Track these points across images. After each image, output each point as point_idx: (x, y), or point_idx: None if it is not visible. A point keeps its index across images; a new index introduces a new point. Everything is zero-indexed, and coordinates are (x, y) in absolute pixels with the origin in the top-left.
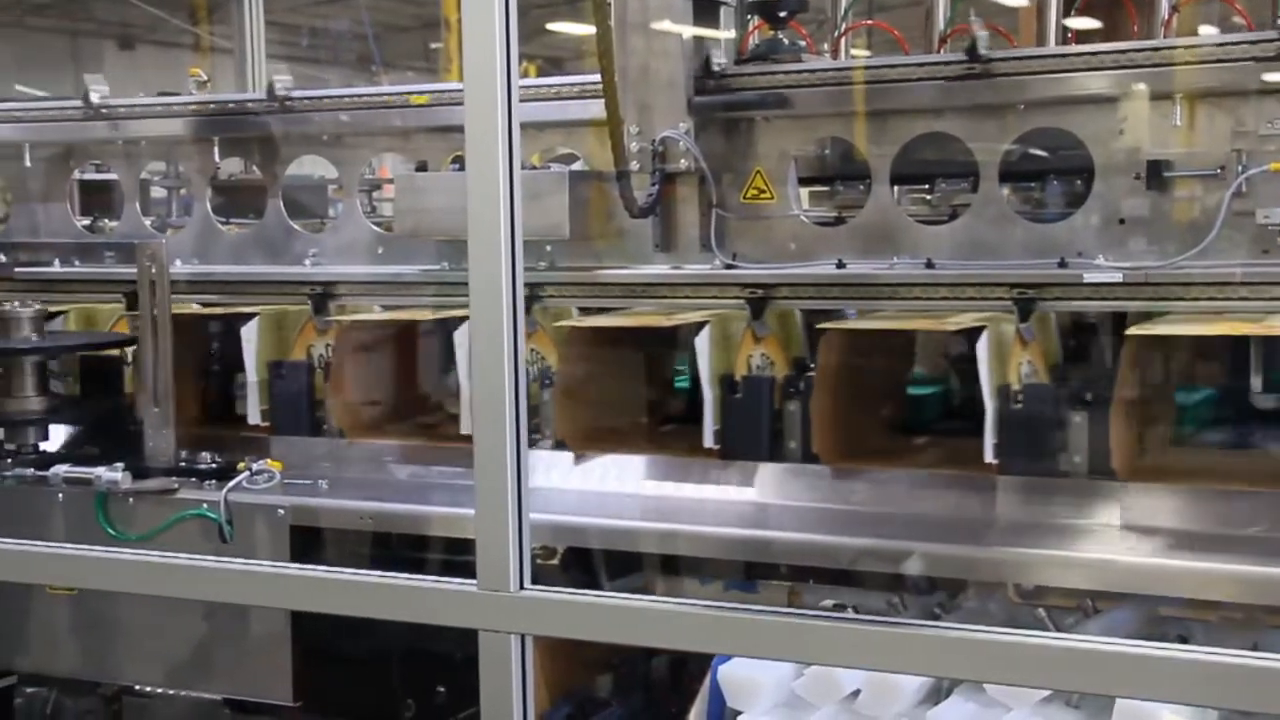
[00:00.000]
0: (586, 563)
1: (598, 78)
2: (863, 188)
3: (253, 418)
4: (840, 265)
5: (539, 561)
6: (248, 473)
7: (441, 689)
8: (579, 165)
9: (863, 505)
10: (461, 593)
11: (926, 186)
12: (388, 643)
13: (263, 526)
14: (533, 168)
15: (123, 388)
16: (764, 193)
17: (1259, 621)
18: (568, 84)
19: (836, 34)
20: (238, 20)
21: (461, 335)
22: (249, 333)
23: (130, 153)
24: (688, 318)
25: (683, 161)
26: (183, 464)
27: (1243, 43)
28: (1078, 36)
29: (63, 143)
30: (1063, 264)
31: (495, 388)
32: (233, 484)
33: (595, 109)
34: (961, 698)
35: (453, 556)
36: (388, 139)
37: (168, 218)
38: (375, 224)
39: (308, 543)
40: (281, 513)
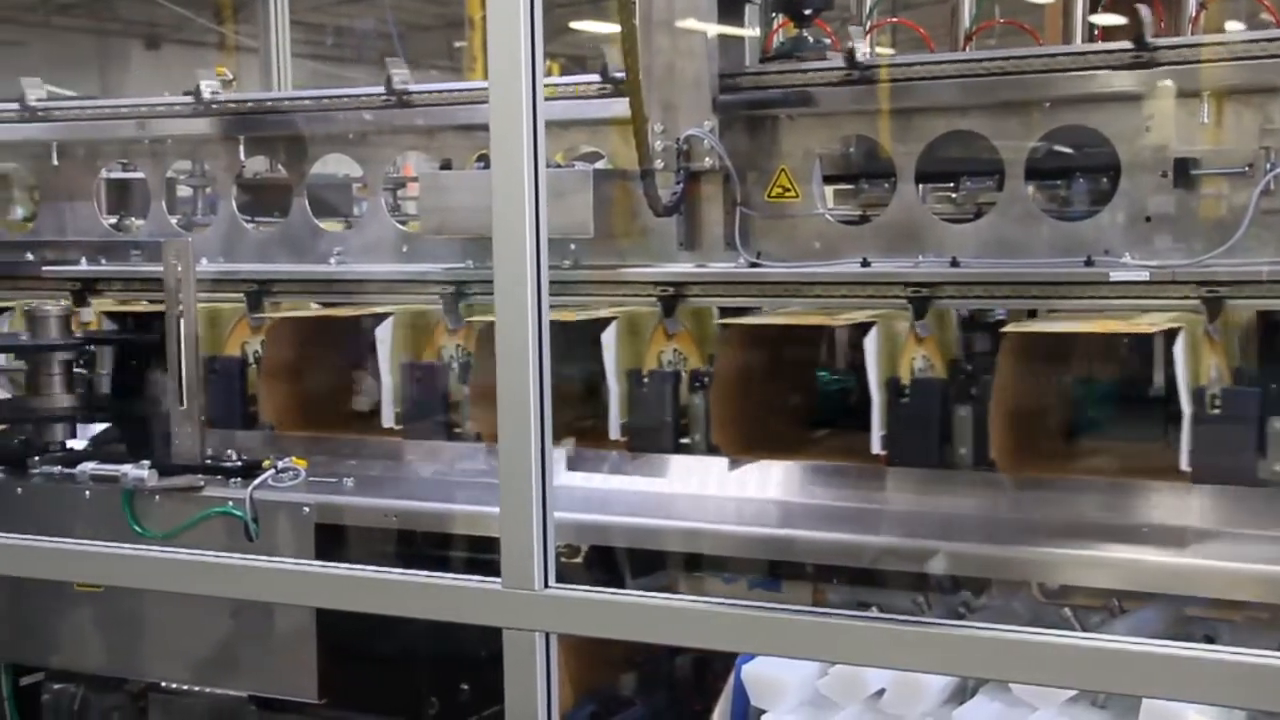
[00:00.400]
0: (610, 561)
1: (622, 75)
2: (887, 186)
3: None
4: (865, 264)
5: (563, 560)
6: (273, 470)
7: (465, 687)
8: (603, 164)
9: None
10: (486, 591)
11: (951, 185)
12: (412, 640)
13: (288, 524)
14: (557, 166)
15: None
16: (789, 191)
17: None
18: (592, 82)
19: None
20: (263, 19)
21: (384, 331)
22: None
23: (156, 151)
24: (852, 317)
25: (707, 160)
26: (208, 461)
27: (1271, 39)
28: (1104, 34)
29: (90, 141)
30: (1089, 262)
31: (520, 386)
32: (258, 481)
33: (619, 107)
34: (987, 697)
35: (477, 555)
36: (412, 137)
37: (193, 216)
38: (399, 222)
39: (332, 540)
40: (306, 510)
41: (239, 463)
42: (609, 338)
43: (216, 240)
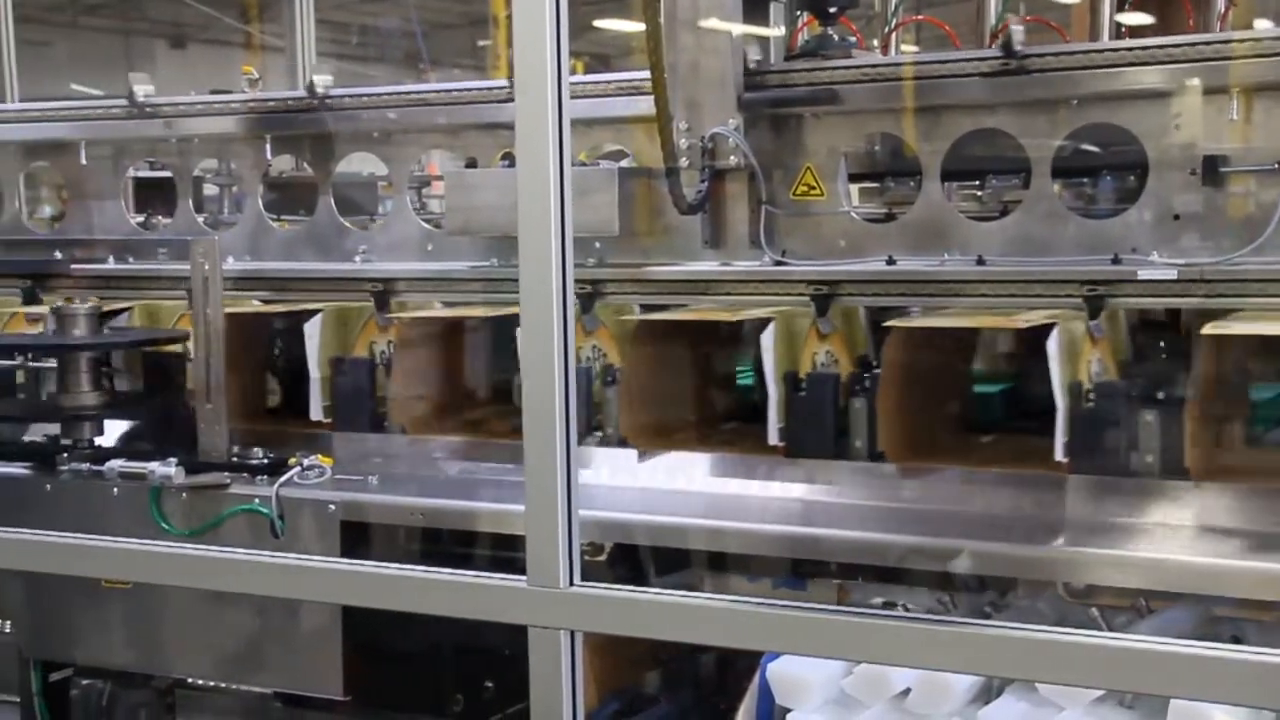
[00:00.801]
0: (634, 560)
1: (647, 74)
2: (913, 184)
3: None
4: (890, 262)
5: (586, 558)
6: (299, 468)
7: (489, 684)
8: (627, 162)
9: (927, 504)
10: (511, 589)
11: (977, 183)
12: (437, 638)
13: (314, 522)
14: (581, 164)
15: (184, 383)
16: (814, 189)
17: None
18: (617, 81)
19: (887, 29)
20: (288, 18)
21: (312, 328)
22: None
23: (184, 150)
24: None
25: (732, 158)
26: (235, 459)
27: None
28: (1131, 32)
29: (117, 141)
30: (1116, 260)
31: (546, 384)
32: (284, 479)
33: (644, 106)
34: (1013, 697)
35: (502, 553)
36: (437, 136)
37: (220, 214)
38: (424, 221)
39: (358, 538)
40: (332, 508)
41: (265, 460)
42: (768, 339)
43: (243, 238)
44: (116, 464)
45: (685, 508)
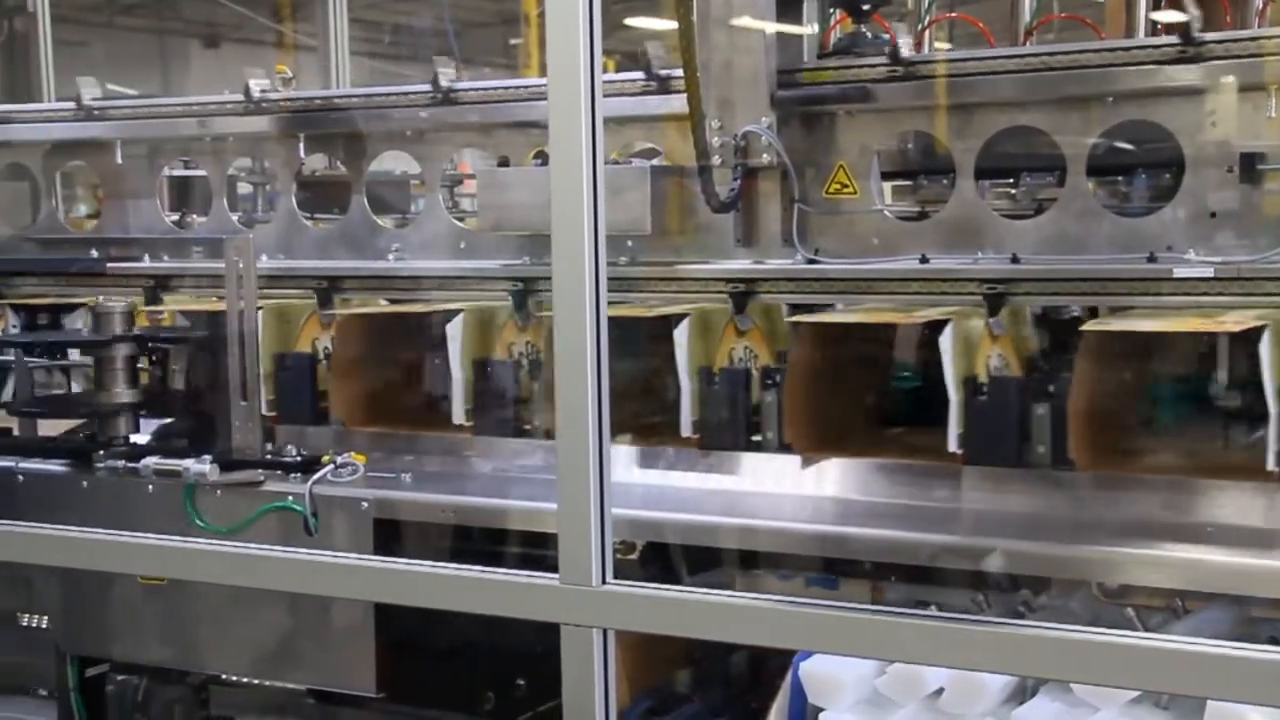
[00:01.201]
0: (665, 558)
1: (679, 72)
2: (946, 182)
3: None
4: (923, 260)
5: (618, 556)
6: (332, 466)
7: (521, 682)
8: (659, 160)
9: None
10: (544, 587)
11: (1011, 181)
12: (469, 635)
13: (346, 519)
14: (613, 163)
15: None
16: (846, 187)
17: None
18: (649, 78)
19: (920, 27)
20: (321, 18)
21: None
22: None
23: (218, 149)
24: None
25: (764, 156)
26: (269, 456)
27: None
28: (1167, 29)
29: (152, 140)
30: (1151, 259)
31: (578, 383)
32: (317, 477)
33: (676, 104)
34: (1047, 697)
35: (534, 550)
36: (469, 134)
37: (254, 213)
38: (456, 219)
39: (390, 535)
40: (365, 506)
41: (299, 458)
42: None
43: (276, 236)
44: (152, 461)
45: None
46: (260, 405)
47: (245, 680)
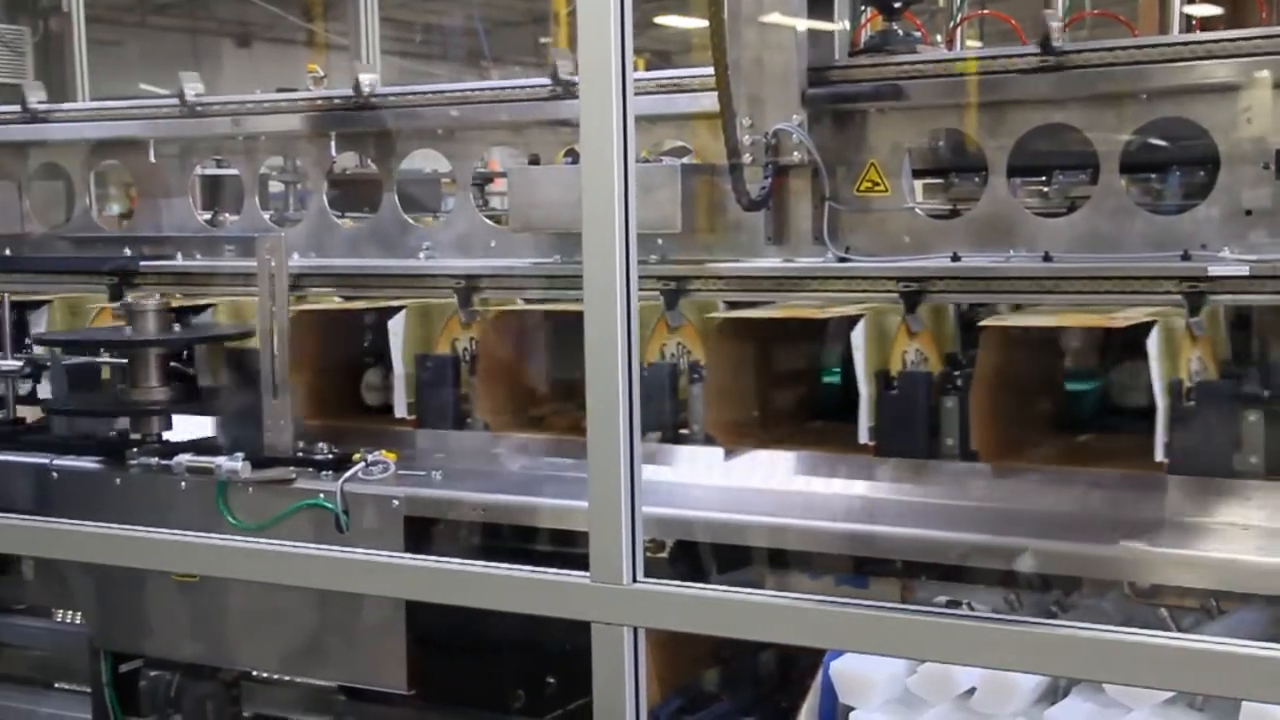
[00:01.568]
0: (694, 556)
1: (710, 70)
2: (977, 180)
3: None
4: (955, 258)
5: (647, 555)
6: (363, 463)
7: (551, 680)
8: (689, 159)
9: (1019, 504)
10: (574, 585)
11: (1043, 178)
12: (499, 633)
13: (377, 517)
14: (643, 161)
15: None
16: (878, 185)
17: None
18: (680, 77)
19: (951, 24)
20: (353, 17)
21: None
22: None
23: (250, 148)
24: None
25: (795, 154)
26: (300, 454)
27: None
28: (1201, 24)
29: (185, 139)
30: (1186, 257)
31: (608, 381)
32: (349, 474)
33: (707, 102)
34: (1080, 697)
35: (565, 549)
36: (500, 133)
37: (285, 211)
38: (487, 217)
39: (420, 533)
40: (396, 503)
41: (330, 455)
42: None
43: (306, 235)
44: (184, 458)
45: (779, 508)
46: (290, 403)
47: (277, 677)
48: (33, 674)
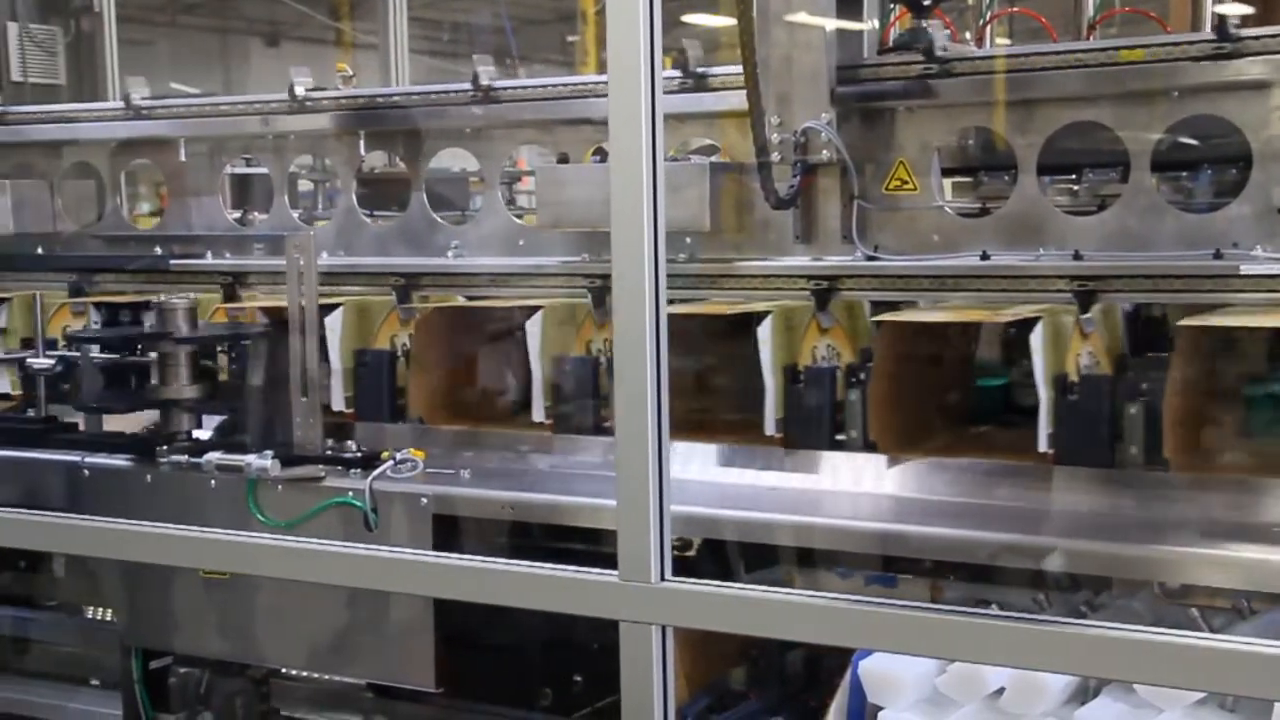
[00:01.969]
0: (722, 555)
1: (739, 69)
2: (1007, 178)
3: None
4: (984, 257)
5: (674, 553)
6: (392, 461)
7: (578, 678)
8: (718, 157)
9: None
10: (603, 583)
11: (1073, 177)
12: (527, 631)
13: (406, 515)
14: (671, 159)
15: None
16: (906, 184)
17: None
18: (709, 75)
19: (981, 23)
20: (382, 16)
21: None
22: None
23: (279, 147)
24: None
25: (824, 152)
26: (329, 452)
27: None
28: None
29: (215, 138)
30: (1218, 255)
31: (637, 379)
32: (377, 472)
33: (735, 100)
34: (1110, 698)
35: (594, 547)
36: (528, 131)
37: (314, 210)
38: (515, 216)
39: (449, 531)
40: (424, 501)
41: (359, 454)
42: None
43: (335, 233)
44: (214, 456)
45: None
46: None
47: (306, 674)
48: (64, 670)
